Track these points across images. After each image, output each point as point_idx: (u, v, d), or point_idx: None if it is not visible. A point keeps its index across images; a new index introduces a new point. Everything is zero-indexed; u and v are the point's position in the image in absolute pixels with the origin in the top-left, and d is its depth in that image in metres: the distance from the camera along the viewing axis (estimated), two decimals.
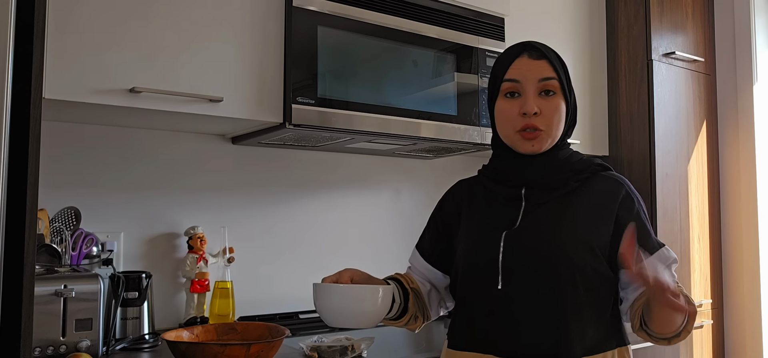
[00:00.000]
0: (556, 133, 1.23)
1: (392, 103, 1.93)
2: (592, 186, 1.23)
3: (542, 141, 1.21)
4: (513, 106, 1.22)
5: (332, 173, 2.32)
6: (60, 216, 1.72)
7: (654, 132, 2.57)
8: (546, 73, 1.21)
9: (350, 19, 1.87)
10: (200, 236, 1.96)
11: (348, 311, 1.13)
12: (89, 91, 1.53)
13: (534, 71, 1.21)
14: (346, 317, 1.14)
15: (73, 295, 1.53)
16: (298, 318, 2.11)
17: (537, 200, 1.22)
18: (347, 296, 1.14)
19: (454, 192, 1.36)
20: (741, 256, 2.77)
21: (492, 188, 1.27)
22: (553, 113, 1.21)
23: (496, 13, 2.19)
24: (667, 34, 2.66)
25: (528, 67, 1.22)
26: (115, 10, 1.58)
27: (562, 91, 1.22)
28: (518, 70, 1.22)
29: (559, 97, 1.22)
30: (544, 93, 1.21)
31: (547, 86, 1.21)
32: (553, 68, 1.22)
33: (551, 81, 1.21)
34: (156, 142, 1.99)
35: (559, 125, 1.23)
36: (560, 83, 1.22)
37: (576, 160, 1.26)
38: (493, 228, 1.22)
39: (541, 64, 1.22)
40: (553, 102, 1.21)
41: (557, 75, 1.22)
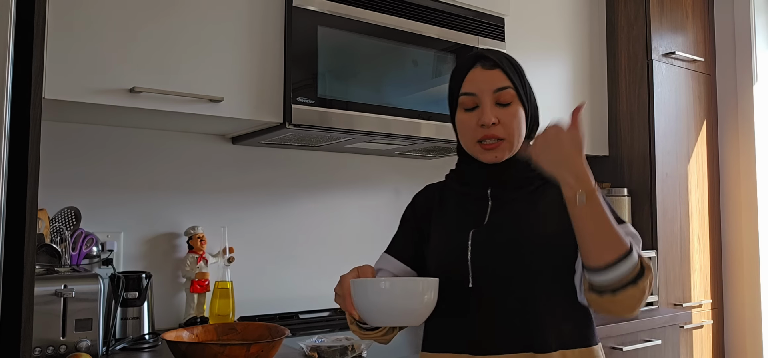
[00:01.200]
0: (516, 141, 1.23)
1: (392, 103, 1.93)
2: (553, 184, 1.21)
3: (503, 150, 1.22)
4: (471, 118, 1.23)
5: (332, 173, 2.33)
6: (60, 216, 1.72)
7: (654, 132, 2.57)
8: (500, 83, 1.21)
9: (350, 19, 1.87)
10: (200, 236, 1.96)
11: (395, 308, 1.07)
12: (89, 91, 1.53)
13: (488, 82, 1.21)
14: (392, 315, 1.08)
15: (73, 295, 1.52)
16: (298, 318, 2.11)
17: (503, 199, 1.24)
18: (393, 291, 1.07)
19: (424, 195, 1.36)
20: (741, 256, 2.77)
21: (460, 190, 1.29)
22: (511, 121, 1.22)
23: (496, 13, 2.19)
24: (667, 34, 2.66)
25: (482, 78, 1.22)
26: (115, 10, 1.58)
27: (519, 98, 1.23)
28: (473, 82, 1.23)
29: (516, 104, 1.22)
30: (499, 104, 1.22)
31: (501, 97, 1.21)
32: (507, 77, 1.22)
33: (506, 91, 1.21)
34: (156, 142, 1.99)
35: (519, 132, 1.23)
36: (516, 91, 1.22)
37: None
38: (461, 228, 1.23)
39: (495, 73, 1.22)
40: (510, 111, 1.22)
41: (512, 83, 1.22)
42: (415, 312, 1.08)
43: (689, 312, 2.54)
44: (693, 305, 2.65)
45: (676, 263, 2.62)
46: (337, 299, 1.14)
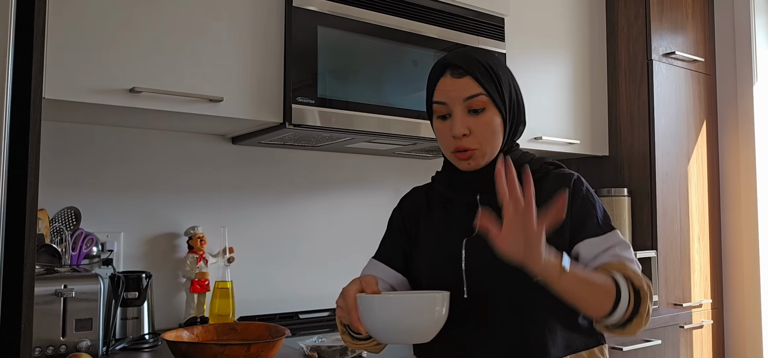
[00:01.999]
0: (490, 149, 1.18)
1: (392, 103, 1.93)
2: (545, 186, 1.19)
3: (477, 159, 1.18)
4: (445, 127, 1.19)
5: (332, 173, 2.33)
6: (60, 216, 1.72)
7: (654, 132, 2.57)
8: (470, 92, 1.16)
9: (350, 19, 1.87)
10: (200, 236, 1.96)
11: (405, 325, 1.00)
12: (89, 91, 1.53)
13: (458, 91, 1.16)
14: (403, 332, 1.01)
15: (73, 295, 1.52)
16: (298, 318, 2.11)
17: (494, 205, 1.15)
18: (401, 307, 1.01)
19: (411, 198, 1.32)
20: (741, 256, 2.77)
21: (448, 195, 1.25)
22: (484, 131, 1.17)
23: (496, 13, 2.19)
24: (667, 34, 2.66)
25: (452, 87, 1.17)
26: (115, 10, 1.58)
27: (493, 104, 1.17)
28: (443, 92, 1.18)
29: (489, 112, 1.17)
30: (472, 112, 1.17)
31: (472, 105, 1.16)
32: (479, 83, 1.16)
33: (477, 98, 1.16)
34: (156, 142, 1.99)
35: (493, 140, 1.18)
36: (490, 97, 1.17)
37: (527, 160, 1.23)
38: (453, 236, 1.19)
39: (465, 81, 1.17)
40: (482, 119, 1.17)
41: (484, 89, 1.16)
42: (426, 329, 1.02)
43: (689, 312, 2.54)
44: (693, 305, 2.65)
45: (676, 263, 2.62)
46: (340, 312, 1.10)
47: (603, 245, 1.15)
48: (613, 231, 1.17)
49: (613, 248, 1.15)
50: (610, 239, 1.15)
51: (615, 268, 1.11)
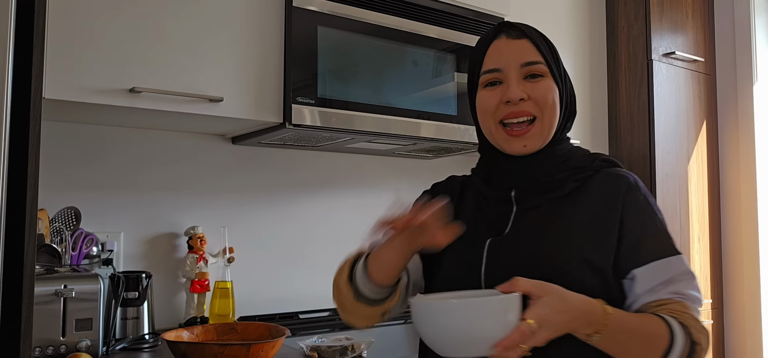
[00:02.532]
0: (551, 122, 1.04)
1: (392, 103, 1.93)
2: (593, 187, 1.04)
3: (534, 137, 1.03)
4: (494, 94, 1.04)
5: (332, 173, 2.33)
6: (60, 216, 1.72)
7: (654, 132, 2.57)
8: (529, 57, 1.03)
9: (350, 19, 1.87)
10: (200, 236, 1.96)
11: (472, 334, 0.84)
12: (89, 91, 1.53)
13: (515, 54, 1.03)
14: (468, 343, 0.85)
15: (73, 295, 1.53)
16: (298, 318, 2.11)
17: (528, 204, 1.05)
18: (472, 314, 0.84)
19: (445, 186, 1.20)
20: (741, 256, 2.77)
21: (482, 190, 1.12)
22: (544, 97, 1.02)
23: (496, 13, 2.19)
24: (667, 34, 2.66)
25: (508, 50, 1.04)
26: (115, 10, 1.57)
27: (552, 75, 1.05)
28: (497, 56, 1.04)
29: (548, 80, 1.04)
30: (530, 77, 1.03)
31: (532, 71, 1.03)
32: (538, 50, 1.04)
33: (537, 65, 1.03)
34: (156, 142, 1.99)
35: (554, 112, 1.04)
36: (548, 67, 1.04)
37: (578, 155, 1.08)
38: (478, 235, 1.05)
39: (523, 44, 1.04)
40: (542, 85, 1.03)
41: (543, 57, 1.04)
42: (494, 339, 0.84)
43: None
44: None
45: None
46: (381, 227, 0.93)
47: (663, 274, 0.98)
48: (678, 256, 1.00)
49: (676, 281, 0.98)
50: (673, 267, 0.99)
51: (674, 311, 0.95)
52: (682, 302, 0.97)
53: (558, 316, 0.85)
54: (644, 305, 0.98)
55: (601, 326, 0.89)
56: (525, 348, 0.83)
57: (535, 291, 0.86)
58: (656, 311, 0.96)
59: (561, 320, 0.86)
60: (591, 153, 1.10)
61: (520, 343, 0.82)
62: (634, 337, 0.92)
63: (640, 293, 0.99)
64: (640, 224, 1.01)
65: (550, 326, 0.85)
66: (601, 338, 0.89)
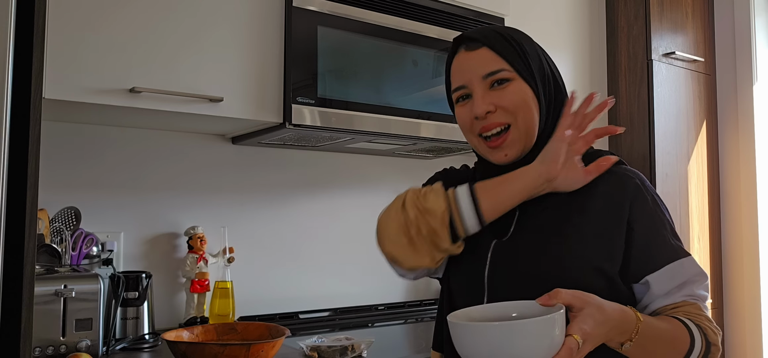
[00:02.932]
0: (528, 125, 1.00)
1: (392, 103, 1.93)
2: (599, 187, 1.01)
3: (513, 144, 1.01)
4: (466, 110, 1.03)
5: (332, 173, 2.33)
6: (60, 216, 1.72)
7: (654, 132, 2.57)
8: (490, 66, 1.00)
9: (350, 19, 1.87)
10: (200, 236, 1.96)
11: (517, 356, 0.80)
12: (89, 91, 1.53)
13: (475, 66, 1.00)
14: None
15: (73, 295, 1.53)
16: (298, 318, 2.11)
17: (533, 205, 1.02)
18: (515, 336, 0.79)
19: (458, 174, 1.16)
20: (741, 256, 2.77)
21: None
22: (513, 101, 0.99)
23: (496, 13, 2.19)
24: (667, 34, 2.66)
25: (468, 63, 1.02)
26: (115, 10, 1.57)
27: (520, 76, 1.00)
28: (459, 72, 1.03)
29: (517, 83, 1.00)
30: (497, 84, 1.00)
31: (496, 78, 1.00)
32: (498, 54, 1.00)
33: (499, 73, 0.99)
34: (156, 142, 1.99)
35: (528, 113, 1.00)
36: (515, 69, 1.00)
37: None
38: (484, 234, 1.03)
39: (482, 54, 1.01)
40: (508, 90, 0.99)
41: (506, 60, 1.00)
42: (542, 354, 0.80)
43: None
44: None
45: None
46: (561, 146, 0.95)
47: (678, 277, 0.97)
48: (689, 257, 0.99)
49: (690, 283, 0.98)
50: (686, 269, 0.98)
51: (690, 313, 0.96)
52: (696, 303, 0.98)
53: (599, 328, 0.84)
54: (660, 308, 0.98)
55: (634, 333, 0.88)
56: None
57: (576, 303, 0.84)
58: (672, 313, 0.97)
59: (601, 331, 0.84)
60: (593, 151, 1.07)
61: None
62: (660, 342, 0.92)
63: (655, 298, 0.98)
64: (650, 228, 0.99)
65: (592, 339, 0.83)
66: (633, 345, 0.89)
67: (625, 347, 0.89)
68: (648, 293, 0.98)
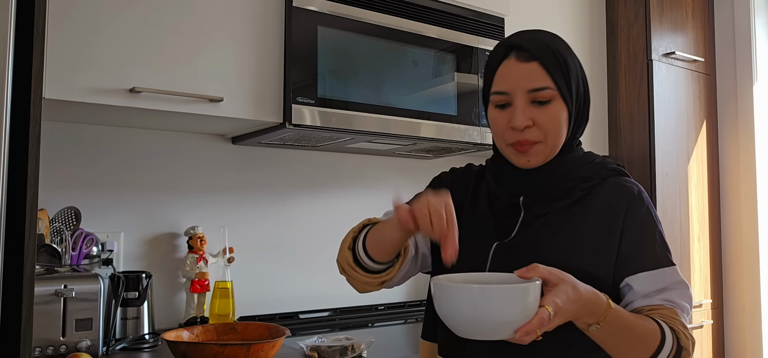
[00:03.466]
0: (555, 143, 1.07)
1: (392, 103, 1.93)
2: (599, 196, 1.08)
3: (537, 154, 1.06)
4: (503, 117, 1.06)
5: (332, 173, 2.33)
6: (60, 216, 1.72)
7: (654, 132, 2.57)
8: (537, 83, 1.03)
9: (350, 19, 1.87)
10: (200, 236, 1.96)
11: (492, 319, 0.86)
12: (89, 91, 1.54)
13: (523, 79, 1.04)
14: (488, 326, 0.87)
15: (73, 295, 1.53)
16: (298, 318, 2.11)
17: (536, 211, 1.08)
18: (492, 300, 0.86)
19: (464, 176, 1.20)
20: (741, 256, 2.77)
21: (494, 189, 1.13)
22: (549, 123, 1.05)
23: (496, 13, 2.19)
24: (667, 34, 2.66)
25: (515, 74, 1.04)
26: (115, 10, 1.58)
27: (561, 97, 1.05)
28: (504, 79, 1.06)
29: (556, 104, 1.05)
30: (537, 103, 1.05)
31: (538, 96, 1.04)
32: (547, 72, 1.04)
33: (544, 91, 1.04)
34: (156, 142, 1.99)
35: (558, 134, 1.06)
36: (557, 89, 1.05)
37: (587, 163, 1.12)
38: (485, 236, 1.08)
39: (531, 68, 1.04)
40: (548, 111, 1.04)
41: (553, 80, 1.04)
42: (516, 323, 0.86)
43: None
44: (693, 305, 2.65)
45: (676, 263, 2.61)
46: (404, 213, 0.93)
47: (658, 282, 1.04)
48: (672, 267, 1.05)
49: (669, 289, 1.04)
50: (667, 277, 1.04)
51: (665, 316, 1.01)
52: (673, 309, 1.03)
53: (570, 305, 0.89)
54: (638, 308, 1.04)
55: (602, 317, 0.93)
56: (539, 333, 0.87)
57: (552, 279, 0.90)
58: (649, 313, 1.02)
59: (572, 308, 0.90)
60: (599, 161, 1.14)
61: (538, 329, 0.85)
62: (628, 333, 0.97)
63: (636, 298, 1.04)
64: (638, 235, 1.05)
65: (562, 313, 0.88)
66: (600, 330, 0.94)
67: (593, 328, 0.94)
68: (629, 294, 1.05)
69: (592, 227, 1.05)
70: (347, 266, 1.09)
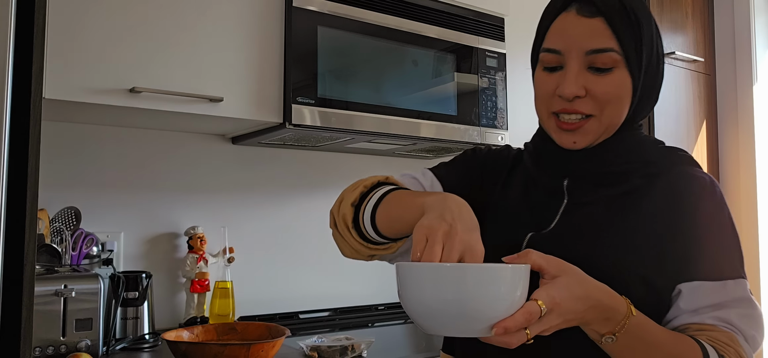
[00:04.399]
0: (611, 121, 0.87)
1: (392, 103, 1.93)
2: (662, 185, 0.88)
3: (588, 133, 0.87)
4: (550, 81, 0.89)
5: (332, 173, 2.32)
6: (60, 216, 1.72)
7: (654, 132, 2.57)
8: (598, 42, 0.84)
9: (350, 19, 1.87)
10: (200, 235, 1.96)
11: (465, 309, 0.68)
12: (89, 91, 1.53)
13: (581, 37, 0.85)
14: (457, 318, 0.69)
15: (73, 295, 1.52)
16: (298, 318, 2.11)
17: (581, 198, 0.90)
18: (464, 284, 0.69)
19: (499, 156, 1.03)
20: None
21: (532, 172, 0.96)
22: (607, 95, 0.85)
23: (496, 13, 2.19)
24: (667, 34, 2.66)
25: (574, 29, 0.86)
26: (115, 10, 1.57)
27: (626, 64, 0.85)
28: (559, 35, 0.88)
29: (619, 73, 0.85)
30: (596, 70, 0.86)
31: (597, 61, 0.85)
32: (612, 32, 0.84)
33: (606, 54, 0.84)
34: (156, 142, 1.99)
35: (617, 110, 0.87)
36: (624, 54, 0.85)
37: (650, 148, 0.92)
38: (520, 225, 0.92)
39: (594, 24, 0.84)
40: (608, 80, 0.85)
41: (619, 42, 0.84)
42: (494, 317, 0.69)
43: None
44: None
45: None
46: None
47: (715, 296, 0.81)
48: (738, 281, 0.83)
49: (727, 307, 0.81)
50: (728, 291, 0.82)
51: (717, 341, 0.79)
52: (730, 334, 0.80)
53: (573, 303, 0.72)
54: (683, 325, 0.83)
55: (619, 327, 0.75)
56: (529, 334, 0.69)
57: (550, 268, 0.73)
58: (695, 335, 0.81)
59: (576, 308, 0.72)
60: (666, 146, 0.95)
61: (523, 326, 0.68)
62: (655, 353, 0.77)
63: (682, 312, 0.83)
64: (702, 235, 0.85)
65: (562, 312, 0.71)
66: (616, 343, 0.75)
67: (606, 340, 0.75)
68: (676, 304, 0.84)
69: (652, 222, 0.85)
70: (342, 224, 0.91)
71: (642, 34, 0.86)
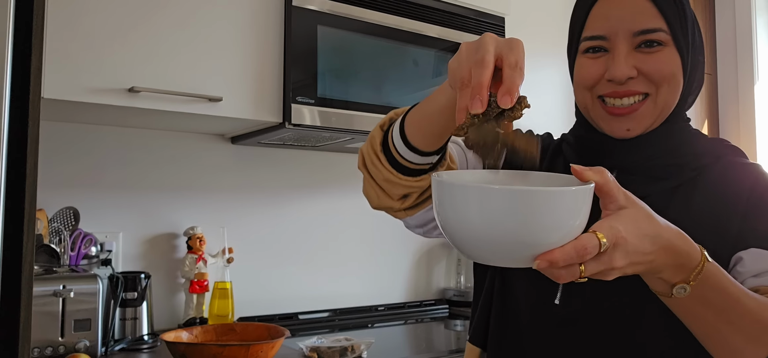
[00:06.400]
0: (667, 101, 0.83)
1: (392, 103, 1.92)
2: (712, 176, 0.84)
3: (644, 117, 0.81)
4: (596, 65, 0.83)
5: (332, 173, 2.32)
6: (59, 216, 1.72)
7: None
8: (646, 22, 0.80)
9: (350, 18, 1.86)
10: (199, 236, 1.96)
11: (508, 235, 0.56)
12: (88, 91, 1.53)
13: (628, 19, 0.80)
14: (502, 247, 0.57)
15: (71, 295, 1.52)
16: (298, 318, 2.11)
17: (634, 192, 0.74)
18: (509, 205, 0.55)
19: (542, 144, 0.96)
20: None
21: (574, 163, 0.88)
22: (661, 71, 0.80)
23: (497, 13, 2.19)
24: None
25: (619, 12, 0.81)
26: (114, 9, 1.57)
27: (675, 44, 0.81)
28: (603, 19, 0.82)
29: (669, 50, 0.81)
30: (644, 45, 0.81)
31: (648, 39, 0.81)
32: (659, 10, 0.80)
33: (655, 33, 0.80)
34: (155, 142, 1.99)
35: (673, 87, 0.82)
36: (672, 33, 0.81)
37: (697, 140, 0.90)
38: None
39: (640, 4, 0.80)
40: (660, 57, 0.80)
41: (667, 21, 0.80)
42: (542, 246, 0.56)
43: None
44: None
45: None
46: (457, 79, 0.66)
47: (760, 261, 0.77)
48: None
49: None
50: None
51: None
52: None
53: (641, 241, 0.60)
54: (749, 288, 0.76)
55: (693, 275, 0.64)
56: (582, 271, 0.57)
57: (618, 196, 0.61)
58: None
59: (644, 248, 0.60)
60: (712, 138, 0.93)
61: (576, 261, 0.56)
62: (735, 307, 0.67)
63: (744, 276, 0.77)
64: (759, 214, 0.80)
65: (627, 252, 0.59)
66: (689, 296, 0.65)
67: (678, 291, 0.65)
68: (734, 270, 0.77)
69: (705, 210, 0.81)
70: (370, 152, 0.77)
71: (686, 17, 0.83)
